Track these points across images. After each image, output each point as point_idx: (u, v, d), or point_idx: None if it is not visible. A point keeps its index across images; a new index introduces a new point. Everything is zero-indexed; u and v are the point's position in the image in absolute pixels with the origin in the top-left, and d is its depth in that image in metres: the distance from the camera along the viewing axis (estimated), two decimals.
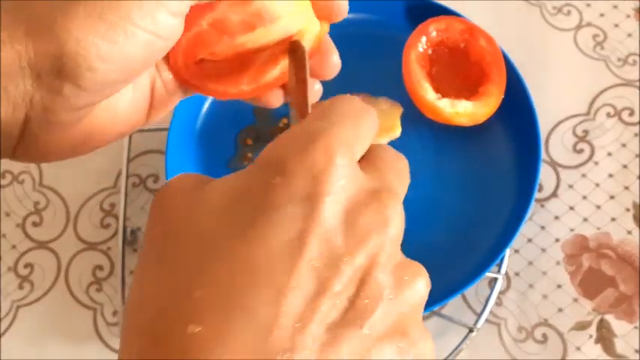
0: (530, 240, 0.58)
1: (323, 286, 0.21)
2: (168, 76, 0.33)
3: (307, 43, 0.33)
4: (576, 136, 0.61)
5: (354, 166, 0.24)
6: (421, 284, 0.24)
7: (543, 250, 0.58)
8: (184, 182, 0.25)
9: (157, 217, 0.24)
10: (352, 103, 0.25)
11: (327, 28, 0.35)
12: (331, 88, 0.60)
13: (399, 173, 0.26)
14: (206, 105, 0.61)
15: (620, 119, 0.62)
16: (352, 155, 0.23)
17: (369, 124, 0.25)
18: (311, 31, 0.33)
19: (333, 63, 0.34)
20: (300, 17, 0.33)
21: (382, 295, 0.22)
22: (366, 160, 0.25)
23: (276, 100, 0.36)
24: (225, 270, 0.21)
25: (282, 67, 0.34)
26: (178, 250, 0.22)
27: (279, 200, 0.22)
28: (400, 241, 0.24)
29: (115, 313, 0.58)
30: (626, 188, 0.59)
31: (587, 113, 0.62)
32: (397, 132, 0.58)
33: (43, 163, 0.63)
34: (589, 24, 0.66)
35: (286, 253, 0.21)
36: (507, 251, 0.55)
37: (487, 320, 0.55)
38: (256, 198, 0.22)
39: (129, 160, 0.61)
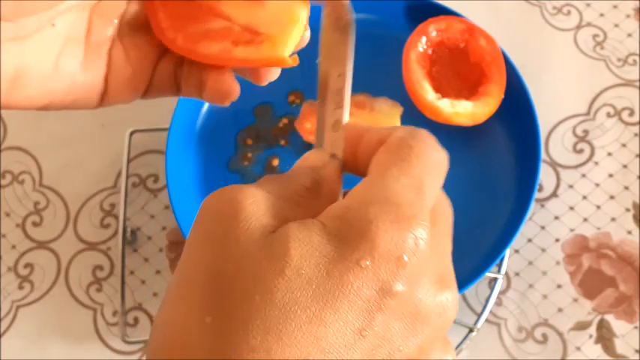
0: (530, 240, 0.58)
1: None
2: (136, 52, 0.32)
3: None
4: (576, 136, 0.61)
5: (430, 249, 0.23)
6: None
7: (543, 250, 0.58)
8: (251, 212, 0.23)
9: (213, 249, 0.22)
10: (437, 154, 0.24)
11: None
12: None
13: (449, 234, 0.25)
14: (205, 105, 0.61)
15: (620, 119, 0.62)
16: (429, 234, 0.23)
17: (444, 171, 0.25)
18: None
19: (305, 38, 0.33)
20: None
21: None
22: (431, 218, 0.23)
23: (272, 72, 0.34)
24: (298, 349, 0.21)
25: (293, 27, 0.32)
26: (242, 311, 0.21)
27: (361, 285, 0.21)
28: (451, 325, 0.24)
29: (114, 313, 0.58)
30: (626, 188, 0.59)
31: (587, 113, 0.62)
32: None
33: (41, 160, 0.63)
34: (589, 24, 0.66)
35: (355, 339, 0.21)
36: (507, 251, 0.55)
37: (487, 320, 0.55)
38: (339, 277, 0.21)
39: (129, 160, 0.61)
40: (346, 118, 0.27)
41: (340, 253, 0.21)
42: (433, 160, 0.24)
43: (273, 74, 0.33)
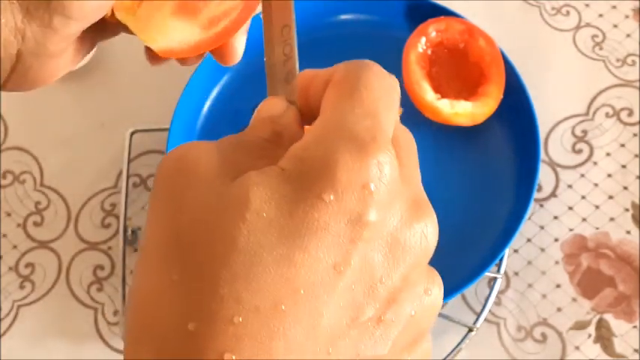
0: (529, 240, 0.58)
1: (360, 312, 0.21)
2: None
3: None
4: (575, 136, 0.62)
5: (397, 172, 0.22)
6: (439, 294, 0.23)
7: (542, 249, 0.58)
8: (206, 164, 0.22)
9: (171, 207, 0.22)
10: (380, 77, 0.23)
11: None
12: None
13: (416, 161, 0.24)
14: (206, 105, 0.61)
15: (619, 119, 0.62)
16: (395, 159, 0.22)
17: (398, 97, 0.24)
18: None
19: None
20: None
21: (408, 312, 0.22)
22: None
23: (237, 52, 0.33)
24: (268, 294, 0.20)
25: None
26: (207, 262, 0.20)
27: (328, 219, 0.20)
28: (432, 254, 0.23)
29: (115, 313, 0.58)
30: (625, 188, 0.59)
31: (586, 113, 0.62)
32: None
33: (42, 160, 0.64)
34: (588, 24, 0.66)
35: (329, 277, 0.20)
36: (507, 251, 0.55)
37: (486, 320, 0.55)
38: (303, 215, 0.20)
39: (129, 160, 0.61)
40: (296, 70, 0.27)
41: (301, 191, 0.20)
42: (383, 87, 0.23)
43: (237, 56, 0.33)
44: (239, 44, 0.33)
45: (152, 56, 0.33)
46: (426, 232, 0.22)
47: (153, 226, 0.22)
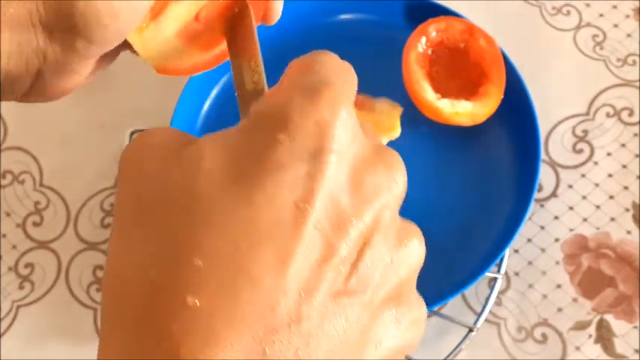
0: (529, 240, 0.58)
1: (329, 252, 0.20)
2: None
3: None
4: (576, 136, 0.62)
5: (357, 121, 0.22)
6: (419, 247, 0.23)
7: (543, 250, 0.58)
8: (162, 137, 0.23)
9: (132, 177, 0.22)
10: (336, 59, 0.24)
11: None
12: None
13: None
14: (206, 105, 0.61)
15: (620, 119, 0.62)
16: (353, 110, 0.22)
17: (354, 79, 0.23)
18: None
19: (277, 8, 0.33)
20: None
21: (384, 259, 0.21)
22: None
23: (277, 11, 0.34)
24: (228, 235, 0.19)
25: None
26: (167, 216, 0.20)
27: (284, 158, 0.20)
28: (402, 202, 0.23)
29: None
30: (626, 188, 0.59)
31: (587, 113, 0.62)
32: (397, 132, 0.58)
33: (41, 160, 0.64)
34: (588, 24, 0.66)
35: (292, 215, 0.19)
36: (507, 251, 0.55)
37: (487, 320, 0.55)
38: (259, 156, 0.20)
39: None
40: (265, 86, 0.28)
41: (255, 134, 0.21)
42: (338, 64, 0.23)
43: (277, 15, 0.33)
44: (278, 4, 0.33)
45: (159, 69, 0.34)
46: (395, 176, 0.22)
47: (117, 200, 0.22)
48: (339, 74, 0.23)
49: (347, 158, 0.21)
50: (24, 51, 0.28)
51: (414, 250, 0.23)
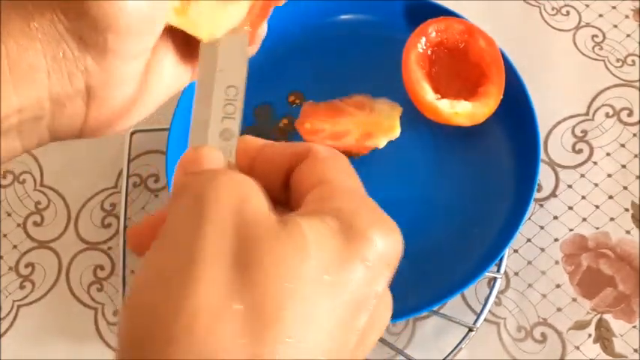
0: (529, 240, 0.58)
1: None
2: None
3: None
4: (575, 136, 0.62)
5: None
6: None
7: (542, 249, 0.58)
8: (264, 207, 0.24)
9: (230, 219, 0.23)
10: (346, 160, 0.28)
11: None
12: (332, 88, 0.60)
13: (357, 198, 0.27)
14: None
15: (619, 119, 0.62)
16: None
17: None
18: None
19: None
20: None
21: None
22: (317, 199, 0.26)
23: (260, 37, 0.35)
24: (319, 339, 0.22)
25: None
26: (272, 297, 0.22)
27: (364, 282, 0.24)
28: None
29: (115, 313, 0.58)
30: (625, 188, 0.59)
31: (586, 113, 0.62)
32: (396, 132, 0.58)
33: (42, 160, 0.64)
34: (588, 24, 0.66)
35: (355, 333, 0.24)
36: (506, 251, 0.55)
37: (486, 320, 0.55)
38: (349, 267, 0.23)
39: (129, 160, 0.61)
40: (237, 130, 0.28)
41: (348, 249, 0.23)
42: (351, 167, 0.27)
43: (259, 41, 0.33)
44: (261, 30, 0.33)
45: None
46: (386, 314, 0.26)
47: (202, 240, 0.22)
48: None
49: (385, 292, 0.25)
50: (62, 65, 0.27)
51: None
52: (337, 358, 0.23)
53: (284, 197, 0.28)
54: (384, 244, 0.24)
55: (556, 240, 0.58)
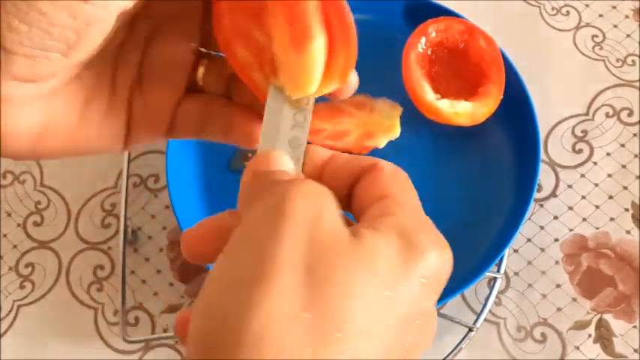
0: (529, 240, 0.58)
1: None
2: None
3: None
4: (575, 136, 0.62)
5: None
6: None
7: (542, 249, 0.58)
8: (338, 220, 0.25)
9: (307, 241, 0.23)
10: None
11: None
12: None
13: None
14: None
15: (619, 119, 0.62)
16: None
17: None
18: None
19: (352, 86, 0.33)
20: None
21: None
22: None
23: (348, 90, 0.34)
24: (377, 349, 0.23)
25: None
26: (338, 312, 0.22)
27: (421, 300, 0.25)
28: None
29: (115, 313, 0.58)
30: (625, 188, 0.59)
31: (586, 113, 0.62)
32: (396, 132, 0.58)
33: (44, 161, 0.64)
34: (588, 24, 0.66)
35: (402, 347, 0.25)
36: (506, 251, 0.55)
37: (486, 320, 0.55)
38: (407, 285, 0.24)
39: (129, 160, 0.61)
40: (305, 139, 0.29)
41: (408, 266, 0.25)
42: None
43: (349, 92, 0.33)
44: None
45: None
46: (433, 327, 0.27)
47: (277, 249, 0.23)
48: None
49: (433, 313, 0.27)
50: None
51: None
52: None
53: (347, 208, 0.29)
54: (439, 263, 0.25)
55: (556, 240, 0.58)
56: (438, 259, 0.25)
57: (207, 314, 0.23)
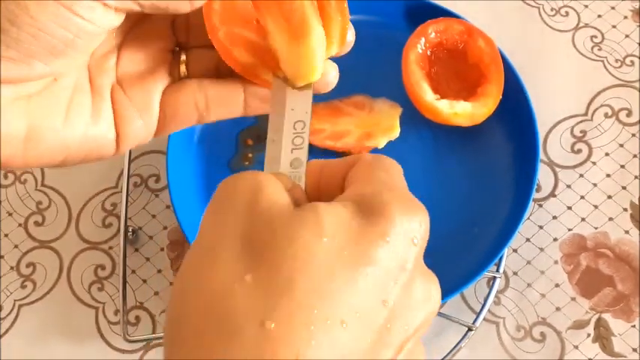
0: (528, 239, 0.58)
1: (387, 348, 0.24)
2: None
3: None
4: (574, 136, 0.62)
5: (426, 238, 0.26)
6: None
7: (541, 249, 0.58)
8: (279, 194, 0.25)
9: (241, 209, 0.25)
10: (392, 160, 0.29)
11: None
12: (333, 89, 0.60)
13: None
14: None
15: (618, 120, 0.62)
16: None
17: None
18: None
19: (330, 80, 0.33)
20: None
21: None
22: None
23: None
24: (339, 311, 0.23)
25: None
26: (285, 269, 0.23)
27: (386, 258, 0.24)
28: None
29: (116, 312, 0.58)
30: (624, 188, 0.60)
31: (585, 114, 0.63)
32: (396, 132, 0.58)
33: None
34: (587, 25, 0.66)
35: (378, 309, 0.24)
36: (506, 250, 0.56)
37: (486, 319, 0.56)
38: (369, 247, 0.24)
39: (130, 160, 0.61)
40: (305, 158, 0.30)
41: (366, 227, 0.24)
42: (395, 165, 0.28)
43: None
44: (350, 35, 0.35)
45: None
46: (433, 293, 0.26)
47: (216, 231, 0.25)
48: (400, 174, 0.28)
49: (414, 271, 0.25)
50: None
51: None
52: (364, 331, 0.23)
53: None
54: (405, 220, 0.25)
55: (555, 240, 0.58)
56: (401, 217, 0.25)
57: (173, 297, 0.25)
